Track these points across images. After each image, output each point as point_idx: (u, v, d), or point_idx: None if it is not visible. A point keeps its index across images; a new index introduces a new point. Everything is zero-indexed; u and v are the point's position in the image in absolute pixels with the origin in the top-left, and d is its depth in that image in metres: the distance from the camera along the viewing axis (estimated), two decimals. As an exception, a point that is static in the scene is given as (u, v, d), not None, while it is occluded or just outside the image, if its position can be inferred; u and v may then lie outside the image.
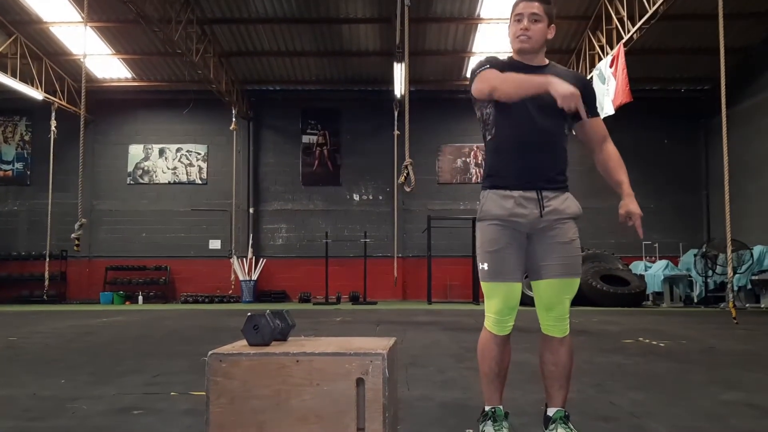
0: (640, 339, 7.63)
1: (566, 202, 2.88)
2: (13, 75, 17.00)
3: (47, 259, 18.39)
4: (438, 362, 5.56)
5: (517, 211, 2.81)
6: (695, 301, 16.85)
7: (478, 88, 2.81)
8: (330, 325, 9.78)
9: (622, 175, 2.99)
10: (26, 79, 17.57)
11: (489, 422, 2.85)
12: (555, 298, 2.85)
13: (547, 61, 2.93)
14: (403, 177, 11.02)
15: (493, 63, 2.88)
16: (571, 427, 2.80)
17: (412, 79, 14.92)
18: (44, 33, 17.40)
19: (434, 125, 19.84)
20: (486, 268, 2.86)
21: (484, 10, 15.98)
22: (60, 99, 18.92)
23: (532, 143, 2.81)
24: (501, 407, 2.89)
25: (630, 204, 2.93)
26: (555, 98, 2.57)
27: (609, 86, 14.45)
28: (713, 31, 11.00)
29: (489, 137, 2.92)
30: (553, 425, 2.81)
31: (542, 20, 2.82)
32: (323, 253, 18.69)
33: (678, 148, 20.17)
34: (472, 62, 18.60)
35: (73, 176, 18.19)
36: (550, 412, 2.86)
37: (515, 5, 2.87)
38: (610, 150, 3.00)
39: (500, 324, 2.86)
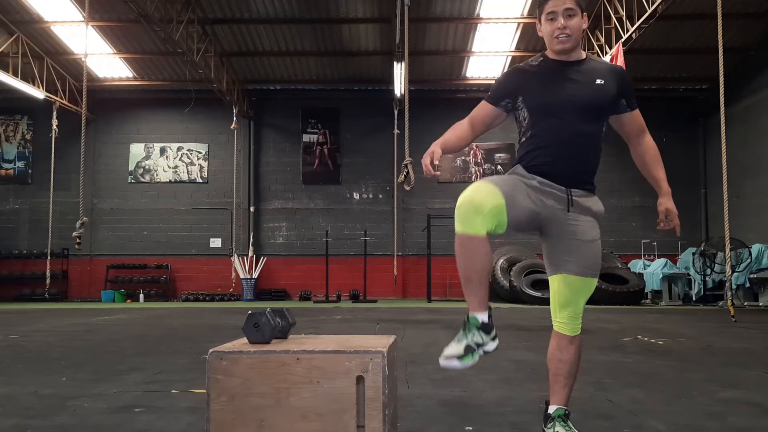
0: (639, 337, 7.65)
1: (591, 201, 2.85)
2: (15, 74, 17.02)
3: (48, 258, 18.42)
4: (438, 360, 5.56)
5: (545, 189, 2.73)
6: (694, 299, 16.86)
7: (466, 118, 3.00)
8: (330, 324, 9.79)
9: (659, 171, 2.98)
10: (27, 78, 17.58)
11: (461, 332, 2.72)
12: (570, 296, 2.81)
13: (584, 55, 2.84)
14: (403, 176, 11.03)
15: (500, 85, 2.87)
16: (571, 425, 2.78)
17: (411, 79, 14.93)
18: (45, 32, 17.41)
19: (434, 124, 19.58)
20: (493, 181, 2.65)
21: (483, 9, 15.99)
22: (61, 98, 18.93)
23: (567, 146, 2.75)
24: (476, 315, 2.70)
25: (667, 202, 2.94)
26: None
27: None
28: (712, 30, 11.02)
29: (524, 139, 2.84)
30: (552, 423, 2.79)
31: (576, 13, 2.72)
32: (323, 252, 18.72)
33: (677, 147, 20.15)
34: (472, 62, 18.61)
35: (74, 175, 18.24)
36: (551, 409, 2.84)
37: (544, 3, 2.75)
38: (648, 143, 2.97)
39: (462, 219, 2.59)
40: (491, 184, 2.62)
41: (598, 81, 2.76)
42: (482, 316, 2.69)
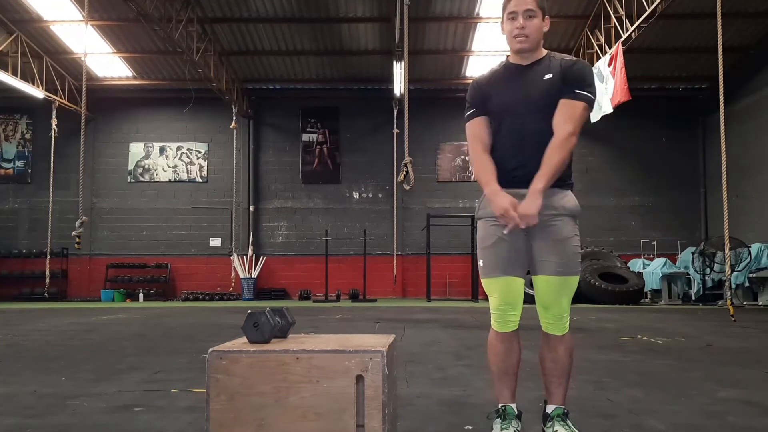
0: (639, 336, 7.65)
1: (564, 200, 2.81)
2: (14, 73, 17.01)
3: (48, 257, 18.41)
4: (437, 360, 5.58)
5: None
6: (693, 298, 16.87)
7: (469, 145, 2.94)
8: (330, 323, 9.79)
9: (550, 158, 2.71)
10: (27, 77, 17.57)
11: (498, 420, 2.85)
12: (551, 296, 2.83)
13: (543, 53, 2.85)
14: (403, 175, 11.03)
15: (473, 97, 2.90)
16: (570, 424, 2.79)
17: (411, 78, 14.93)
18: (45, 31, 17.40)
19: (433, 124, 19.85)
20: (482, 264, 2.87)
21: (483, 9, 15.98)
22: (61, 97, 18.93)
23: (527, 146, 2.77)
24: (513, 405, 2.87)
25: (527, 202, 2.70)
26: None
27: (607, 85, 14.47)
28: (711, 30, 11.02)
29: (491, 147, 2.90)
30: (551, 423, 2.81)
31: (537, 15, 2.75)
32: (323, 251, 18.72)
33: (676, 146, 20.18)
34: (472, 62, 18.62)
35: (73, 174, 18.23)
36: (549, 409, 2.86)
37: (507, 2, 2.80)
38: (559, 135, 2.72)
39: (501, 320, 2.86)
40: (501, 278, 2.84)
41: (547, 76, 2.78)
42: (516, 407, 2.90)
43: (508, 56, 2.92)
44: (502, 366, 2.88)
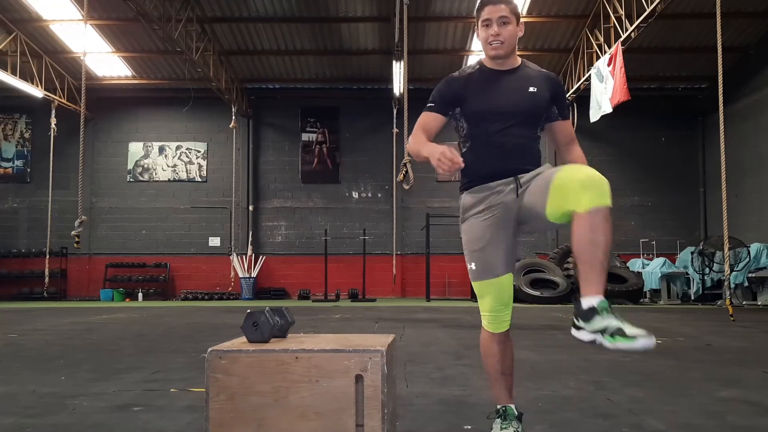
0: (638, 336, 7.63)
1: (539, 167, 2.78)
2: (13, 73, 17.00)
3: (47, 257, 18.41)
4: (437, 359, 5.58)
5: (493, 198, 2.81)
6: (692, 298, 16.88)
7: (413, 131, 2.97)
8: (329, 322, 9.79)
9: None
10: (26, 76, 17.57)
11: (498, 420, 2.85)
12: (573, 192, 2.45)
13: (519, 62, 2.90)
14: (402, 175, 11.03)
15: (442, 94, 2.90)
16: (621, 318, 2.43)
17: (411, 78, 14.91)
18: (44, 31, 17.39)
19: (433, 123, 19.81)
20: (474, 267, 2.85)
21: (483, 8, 15.97)
22: (60, 97, 18.92)
23: (505, 149, 2.81)
24: (512, 406, 2.87)
25: None
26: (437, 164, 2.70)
27: (607, 85, 14.46)
28: (711, 29, 11.03)
29: (465, 149, 2.95)
30: (598, 317, 2.43)
31: (511, 22, 2.78)
32: (322, 251, 18.72)
33: (675, 146, 20.19)
34: (471, 61, 18.58)
35: (73, 174, 18.22)
36: (593, 301, 2.42)
37: (480, 10, 2.82)
38: (576, 154, 2.93)
39: (496, 321, 2.86)
40: (490, 280, 2.80)
41: (531, 89, 2.83)
42: (515, 407, 2.89)
43: (481, 60, 2.94)
44: (499, 367, 2.88)
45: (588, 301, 2.43)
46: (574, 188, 2.44)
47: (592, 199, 2.39)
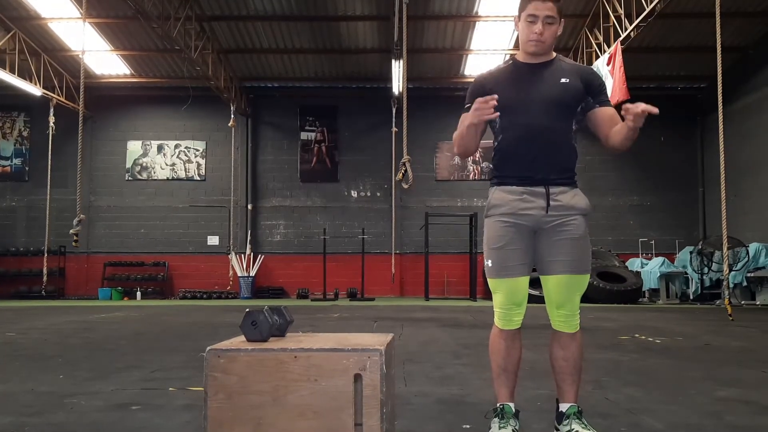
0: (637, 336, 7.66)
1: (575, 198, 2.84)
2: (12, 71, 16.97)
3: (45, 255, 18.38)
4: (435, 358, 5.58)
5: (523, 206, 2.80)
6: (691, 298, 16.88)
7: (454, 138, 2.99)
8: (328, 322, 9.79)
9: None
10: (24, 74, 17.53)
11: (496, 419, 2.85)
12: (564, 295, 2.84)
13: (553, 55, 2.90)
14: (401, 174, 11.04)
15: (473, 93, 2.87)
16: (585, 422, 2.79)
17: (410, 77, 14.91)
18: (42, 29, 17.37)
19: (432, 122, 19.84)
20: (490, 264, 2.87)
21: (482, 7, 15.96)
22: (58, 95, 18.90)
23: (537, 143, 2.80)
24: (510, 405, 2.88)
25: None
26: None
27: (606, 84, 14.46)
28: (710, 29, 11.02)
29: (496, 143, 2.93)
30: (567, 421, 2.80)
31: (556, 22, 2.79)
32: (321, 250, 18.71)
33: (674, 145, 20.19)
34: (471, 60, 18.61)
35: (71, 172, 18.17)
36: (563, 407, 2.85)
37: (526, 3, 2.80)
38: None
39: (505, 318, 2.87)
40: (507, 279, 2.84)
41: (563, 80, 2.82)
42: (514, 405, 2.91)
43: (513, 56, 2.94)
44: (503, 363, 2.89)
45: (562, 406, 2.86)
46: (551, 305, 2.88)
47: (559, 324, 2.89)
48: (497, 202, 2.86)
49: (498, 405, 2.88)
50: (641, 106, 2.56)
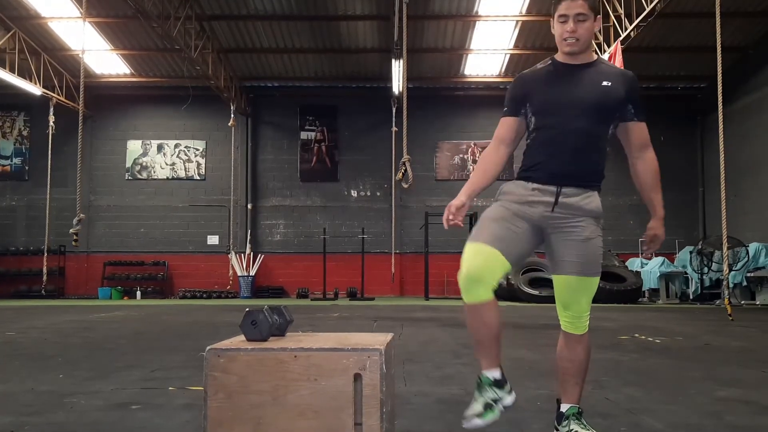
0: (636, 335, 7.65)
1: (586, 200, 2.79)
2: (12, 70, 16.97)
3: (45, 254, 18.40)
4: (435, 358, 5.58)
5: (530, 200, 2.75)
6: (691, 297, 16.89)
7: (482, 156, 2.95)
8: (327, 321, 9.79)
9: (657, 194, 2.97)
10: (24, 74, 17.54)
11: (475, 392, 2.79)
12: (571, 296, 2.83)
13: (594, 57, 2.86)
14: (401, 173, 11.05)
15: (512, 94, 2.85)
16: (585, 422, 2.79)
17: (410, 76, 14.92)
18: (42, 28, 17.37)
19: (432, 122, 19.84)
20: (475, 231, 2.79)
21: (482, 7, 15.97)
22: (58, 94, 18.90)
23: (570, 146, 2.75)
24: (486, 374, 2.77)
25: (658, 228, 2.97)
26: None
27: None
28: (710, 29, 11.02)
29: (528, 140, 2.88)
30: (566, 422, 2.80)
31: (588, 18, 2.74)
32: (321, 249, 18.71)
33: (674, 145, 20.17)
34: (471, 60, 18.60)
35: (71, 171, 18.18)
36: (564, 408, 2.85)
37: (557, 4, 2.77)
38: (649, 159, 2.91)
39: (465, 291, 2.81)
40: (482, 245, 2.72)
41: (605, 83, 2.79)
42: (493, 374, 2.78)
43: (553, 56, 2.89)
44: (475, 335, 2.82)
45: (563, 407, 2.86)
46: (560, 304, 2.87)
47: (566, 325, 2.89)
48: (508, 190, 2.83)
49: (476, 377, 2.82)
50: (656, 248, 2.95)
